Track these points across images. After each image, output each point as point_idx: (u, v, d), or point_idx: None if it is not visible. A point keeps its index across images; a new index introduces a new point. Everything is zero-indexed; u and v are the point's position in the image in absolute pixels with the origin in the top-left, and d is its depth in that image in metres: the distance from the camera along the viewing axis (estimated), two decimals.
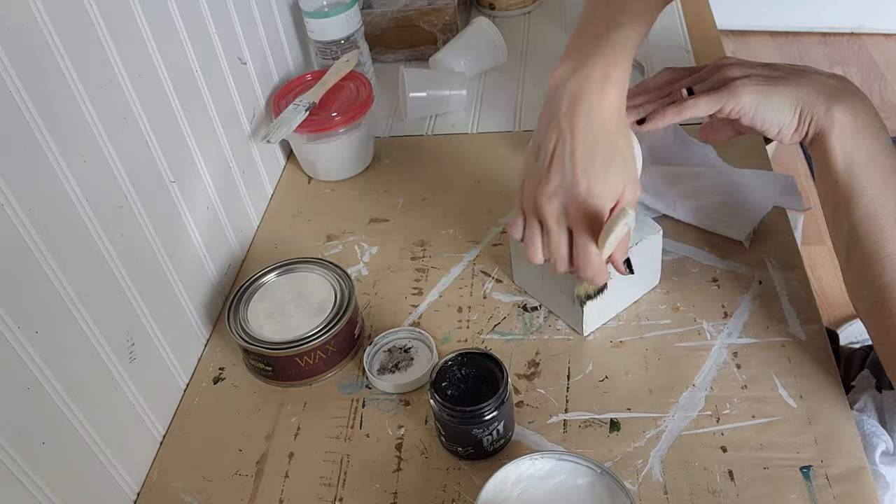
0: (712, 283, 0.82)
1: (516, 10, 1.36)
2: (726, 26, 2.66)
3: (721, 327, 0.77)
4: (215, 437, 0.75)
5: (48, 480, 0.59)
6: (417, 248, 0.92)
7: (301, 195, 1.03)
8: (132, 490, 0.71)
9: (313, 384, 0.78)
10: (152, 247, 0.74)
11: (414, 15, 1.22)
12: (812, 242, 1.98)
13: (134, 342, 0.70)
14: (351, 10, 1.06)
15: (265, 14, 1.01)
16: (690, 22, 1.28)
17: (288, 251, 0.94)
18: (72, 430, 0.63)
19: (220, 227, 0.88)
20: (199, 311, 0.83)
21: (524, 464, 0.59)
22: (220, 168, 0.89)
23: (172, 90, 0.78)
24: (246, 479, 0.71)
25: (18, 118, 0.57)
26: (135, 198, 0.71)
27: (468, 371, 0.69)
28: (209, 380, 0.80)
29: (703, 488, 0.65)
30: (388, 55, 1.26)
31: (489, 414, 0.65)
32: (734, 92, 0.65)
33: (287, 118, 0.95)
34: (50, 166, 0.60)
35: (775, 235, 0.86)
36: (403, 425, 0.73)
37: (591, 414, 0.72)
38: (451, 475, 0.69)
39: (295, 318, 0.78)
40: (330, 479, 0.70)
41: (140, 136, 0.73)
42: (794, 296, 0.79)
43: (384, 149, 1.08)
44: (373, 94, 1.02)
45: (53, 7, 0.61)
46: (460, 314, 0.83)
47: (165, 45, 0.77)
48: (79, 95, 0.64)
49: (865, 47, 2.64)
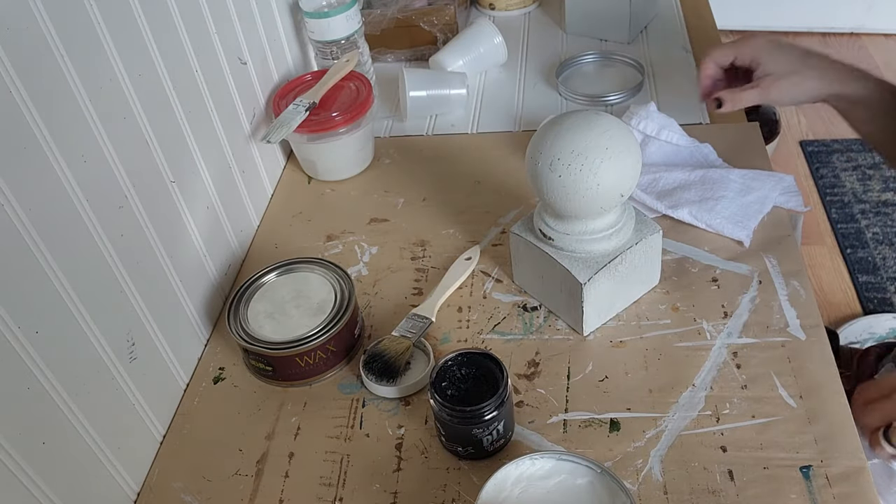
0: (712, 283, 0.82)
1: (516, 10, 1.36)
2: (726, 26, 2.65)
3: (721, 327, 0.77)
4: (215, 437, 0.75)
5: (48, 480, 0.59)
6: (417, 248, 0.92)
7: (301, 195, 1.03)
8: (132, 490, 0.71)
9: (313, 384, 0.78)
10: (152, 247, 0.74)
11: (414, 15, 1.22)
12: (812, 242, 1.98)
13: (134, 342, 0.70)
14: (351, 10, 1.06)
15: (265, 14, 1.01)
16: (690, 22, 1.28)
17: (288, 251, 0.94)
18: (72, 430, 0.63)
19: (220, 227, 0.88)
20: (199, 311, 0.83)
21: (524, 464, 0.59)
22: (220, 168, 0.89)
23: (172, 90, 0.78)
24: (246, 479, 0.71)
25: (18, 118, 0.57)
26: (135, 198, 0.71)
27: (468, 371, 0.69)
28: (209, 380, 0.80)
29: (703, 488, 0.65)
30: (388, 55, 1.26)
31: (489, 414, 0.65)
32: (768, 93, 0.83)
33: (287, 118, 0.95)
34: (50, 166, 0.60)
35: (775, 235, 0.86)
36: (403, 425, 0.73)
37: (591, 414, 0.72)
38: (451, 475, 0.69)
39: (295, 318, 0.78)
40: (330, 479, 0.70)
41: (140, 136, 0.73)
42: (794, 296, 0.79)
43: (384, 149, 1.08)
44: (373, 94, 1.02)
45: (53, 7, 0.61)
46: (460, 314, 0.83)
47: (165, 45, 0.77)
48: (79, 95, 0.64)
49: (865, 47, 2.63)
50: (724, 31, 2.63)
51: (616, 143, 0.69)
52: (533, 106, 1.13)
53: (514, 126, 1.10)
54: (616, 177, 0.69)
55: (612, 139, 0.69)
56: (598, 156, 0.68)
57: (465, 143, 1.08)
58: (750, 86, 0.83)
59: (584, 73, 1.19)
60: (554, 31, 1.31)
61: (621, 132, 0.70)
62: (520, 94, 1.17)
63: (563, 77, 1.17)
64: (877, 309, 1.80)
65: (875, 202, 2.05)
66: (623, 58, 1.19)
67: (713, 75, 0.87)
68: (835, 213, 2.04)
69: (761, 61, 0.83)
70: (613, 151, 0.68)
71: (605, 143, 0.68)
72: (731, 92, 0.84)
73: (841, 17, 2.66)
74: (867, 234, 1.98)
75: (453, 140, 1.09)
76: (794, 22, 2.71)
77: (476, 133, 1.10)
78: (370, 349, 0.77)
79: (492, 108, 1.14)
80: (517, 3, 1.36)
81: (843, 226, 2.01)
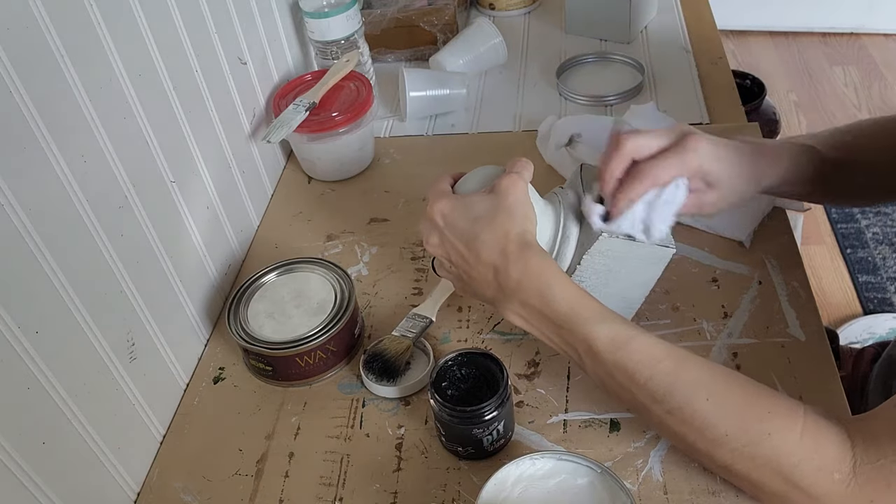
0: (712, 283, 0.82)
1: (516, 10, 1.36)
2: (726, 26, 2.66)
3: (721, 327, 0.77)
4: (215, 437, 0.75)
5: (48, 480, 0.59)
6: (417, 248, 0.92)
7: (301, 195, 1.03)
8: (132, 490, 0.71)
9: (313, 384, 0.78)
10: (152, 247, 0.74)
11: (414, 15, 1.22)
12: (812, 242, 1.98)
13: (134, 342, 0.70)
14: (351, 10, 1.06)
15: (265, 14, 1.01)
16: (690, 22, 1.28)
17: (288, 251, 0.94)
18: (72, 430, 0.63)
19: (220, 227, 0.88)
20: (199, 311, 0.83)
21: (524, 464, 0.59)
22: (220, 168, 0.89)
23: (172, 90, 0.78)
24: (246, 479, 0.71)
25: (18, 118, 0.57)
26: (135, 198, 0.71)
27: (468, 371, 0.69)
28: (209, 380, 0.80)
29: (703, 488, 0.65)
30: (388, 55, 1.26)
31: (489, 414, 0.65)
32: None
33: (287, 118, 0.95)
34: (50, 166, 0.60)
35: (775, 235, 0.86)
36: (403, 425, 0.73)
37: (591, 414, 0.72)
38: (451, 475, 0.69)
39: (295, 318, 0.78)
40: (330, 479, 0.70)
41: (140, 136, 0.73)
42: (794, 296, 0.79)
43: (384, 149, 1.08)
44: (373, 94, 1.02)
45: (53, 7, 0.61)
46: (460, 314, 0.83)
47: (165, 45, 0.77)
48: (79, 95, 0.64)
49: (865, 47, 2.64)
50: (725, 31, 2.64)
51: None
52: (533, 106, 1.13)
53: (514, 126, 1.10)
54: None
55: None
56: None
57: (465, 143, 1.08)
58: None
59: (584, 73, 1.19)
60: (554, 31, 1.31)
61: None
62: (520, 94, 1.16)
63: (563, 77, 1.17)
64: (877, 309, 1.80)
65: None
66: (623, 58, 1.19)
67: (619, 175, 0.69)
68: (835, 213, 2.04)
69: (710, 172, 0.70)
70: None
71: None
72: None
73: (841, 17, 2.66)
74: (867, 234, 1.98)
75: (453, 140, 1.09)
76: (794, 22, 2.71)
77: (476, 133, 1.10)
78: (370, 349, 0.77)
79: (492, 108, 1.14)
80: (517, 3, 1.36)
81: (843, 226, 2.01)
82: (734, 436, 0.57)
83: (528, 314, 0.64)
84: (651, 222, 0.68)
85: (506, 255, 0.63)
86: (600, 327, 0.61)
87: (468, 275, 0.67)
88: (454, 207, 0.66)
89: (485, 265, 0.65)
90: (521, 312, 0.65)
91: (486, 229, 0.64)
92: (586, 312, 0.62)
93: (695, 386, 0.59)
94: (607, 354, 0.61)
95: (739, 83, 1.50)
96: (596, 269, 0.70)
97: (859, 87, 2.47)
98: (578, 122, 0.97)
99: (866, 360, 0.93)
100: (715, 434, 0.58)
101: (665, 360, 0.60)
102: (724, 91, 1.11)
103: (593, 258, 0.69)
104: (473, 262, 0.65)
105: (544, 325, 0.64)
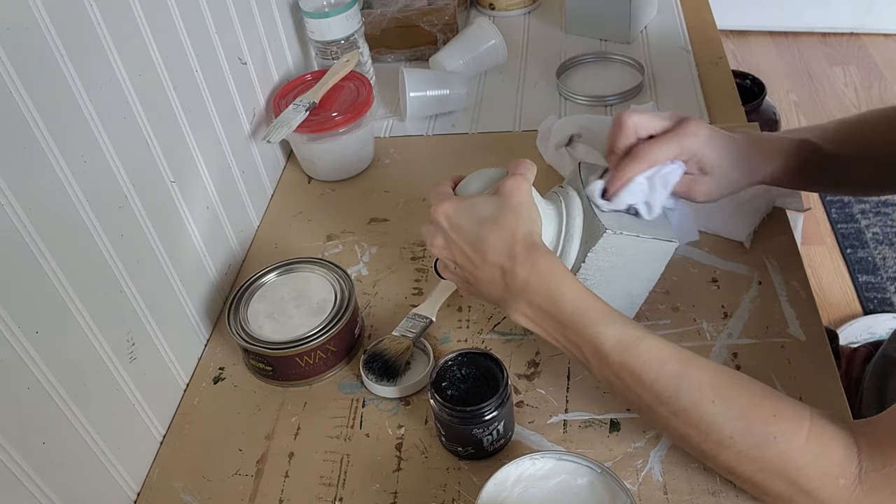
0: (712, 283, 0.82)
1: (516, 10, 1.36)
2: (726, 26, 2.66)
3: (721, 327, 0.77)
4: (215, 437, 0.75)
5: (48, 480, 0.59)
6: (417, 248, 0.92)
7: (301, 195, 1.03)
8: (132, 490, 0.71)
9: (313, 384, 0.78)
10: (152, 247, 0.74)
11: (414, 15, 1.22)
12: (812, 242, 1.98)
13: (134, 342, 0.70)
14: (351, 10, 1.06)
15: (265, 14, 1.01)
16: (690, 22, 1.28)
17: (288, 251, 0.94)
18: (72, 430, 0.63)
19: (220, 227, 0.88)
20: (199, 311, 0.83)
21: (524, 464, 0.59)
22: (220, 168, 0.89)
23: (172, 90, 0.78)
24: (246, 479, 0.71)
25: (18, 118, 0.57)
26: (135, 198, 0.71)
27: (468, 371, 0.69)
28: (209, 380, 0.80)
29: (703, 488, 0.65)
30: (388, 55, 1.26)
31: (489, 414, 0.65)
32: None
33: (287, 118, 0.95)
34: (50, 166, 0.60)
35: (775, 235, 0.86)
36: (403, 425, 0.73)
37: (591, 414, 0.72)
38: (451, 475, 0.69)
39: (295, 318, 0.78)
40: (330, 479, 0.70)
41: (140, 136, 0.73)
42: (794, 296, 0.79)
43: (384, 149, 1.08)
44: (373, 94, 1.02)
45: (53, 7, 0.60)
46: (460, 314, 0.83)
47: (165, 45, 0.77)
48: (79, 95, 0.64)
49: (865, 47, 2.64)
50: (725, 31, 2.64)
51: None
52: (533, 106, 1.13)
53: (514, 126, 1.10)
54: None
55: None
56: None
57: (465, 143, 1.08)
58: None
59: (584, 73, 1.19)
60: (554, 31, 1.31)
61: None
62: (520, 94, 1.16)
63: (563, 77, 1.17)
64: (877, 309, 1.80)
65: (875, 202, 2.05)
66: (623, 58, 1.19)
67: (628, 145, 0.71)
68: (835, 213, 2.04)
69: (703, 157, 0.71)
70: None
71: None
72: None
73: (841, 17, 2.66)
74: (867, 234, 1.98)
75: (453, 140, 1.09)
76: (795, 22, 2.71)
77: (476, 133, 1.10)
78: (370, 349, 0.77)
79: (492, 108, 1.14)
80: (517, 3, 1.36)
81: (843, 226, 2.01)
82: (740, 438, 0.57)
83: (534, 314, 0.64)
84: (651, 199, 0.70)
85: (513, 256, 0.63)
86: (607, 328, 0.61)
87: (474, 276, 0.67)
88: (459, 209, 0.66)
89: (491, 266, 0.65)
90: (527, 313, 0.65)
91: (493, 231, 0.64)
92: (593, 313, 0.62)
93: (701, 388, 0.59)
94: (614, 356, 0.61)
95: (739, 83, 1.51)
96: (600, 266, 0.70)
97: (859, 87, 2.47)
98: (578, 122, 0.97)
99: (859, 361, 0.92)
100: (720, 436, 0.58)
101: (672, 361, 0.60)
102: (724, 91, 1.11)
103: (598, 255, 0.69)
104: (480, 264, 0.65)
105: (551, 325, 0.64)
